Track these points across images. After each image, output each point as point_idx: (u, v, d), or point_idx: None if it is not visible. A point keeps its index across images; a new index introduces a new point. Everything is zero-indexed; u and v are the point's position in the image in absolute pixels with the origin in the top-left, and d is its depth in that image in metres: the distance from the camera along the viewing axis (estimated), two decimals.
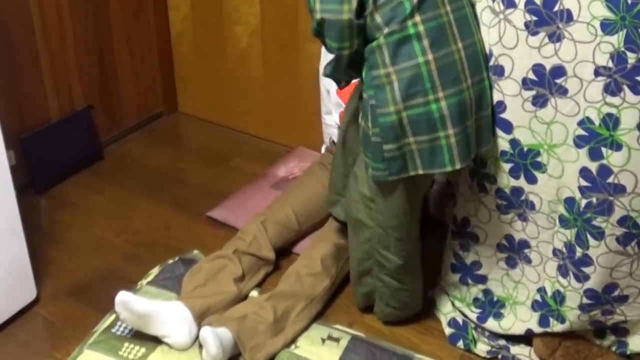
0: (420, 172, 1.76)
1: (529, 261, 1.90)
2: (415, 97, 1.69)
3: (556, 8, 1.60)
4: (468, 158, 1.76)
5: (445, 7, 1.69)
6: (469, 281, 2.05)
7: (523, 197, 1.82)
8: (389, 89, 1.69)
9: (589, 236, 1.73)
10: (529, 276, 1.92)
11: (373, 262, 1.99)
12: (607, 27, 1.56)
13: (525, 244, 1.89)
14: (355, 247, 2.01)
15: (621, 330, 1.91)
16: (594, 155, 1.67)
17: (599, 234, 1.72)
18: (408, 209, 1.87)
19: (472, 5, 1.76)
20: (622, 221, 1.69)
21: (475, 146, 1.78)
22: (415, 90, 1.68)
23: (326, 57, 2.45)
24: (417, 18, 1.66)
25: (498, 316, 2.02)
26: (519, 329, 1.97)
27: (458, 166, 1.74)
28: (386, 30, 1.68)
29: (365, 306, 2.13)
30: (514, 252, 1.93)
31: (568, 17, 1.60)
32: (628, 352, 1.92)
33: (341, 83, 1.95)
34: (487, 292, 2.04)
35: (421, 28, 1.67)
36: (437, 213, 2.31)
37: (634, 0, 1.52)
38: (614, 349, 1.93)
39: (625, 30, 1.55)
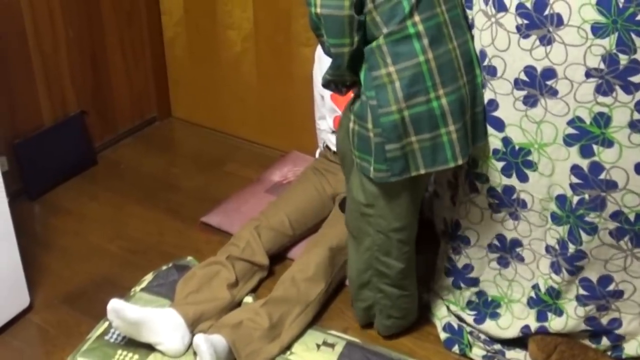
0: (422, 171, 1.75)
1: (521, 259, 1.91)
2: (416, 96, 1.69)
3: (546, 12, 1.60)
4: (468, 153, 1.77)
5: (440, 7, 1.70)
6: (462, 285, 2.05)
7: (515, 196, 1.82)
8: (391, 89, 1.69)
9: (581, 232, 1.75)
10: (522, 274, 1.93)
11: (372, 272, 1.97)
12: (598, 31, 1.56)
13: (517, 243, 1.89)
14: (355, 259, 1.99)
15: (616, 336, 1.90)
16: (585, 152, 1.68)
17: (592, 229, 1.73)
18: (411, 210, 1.87)
19: (462, 6, 1.77)
20: (614, 216, 1.71)
21: (471, 142, 1.78)
22: (416, 89, 1.69)
23: (320, 62, 2.45)
24: (416, 18, 1.67)
25: (494, 316, 2.01)
26: (516, 327, 1.97)
27: (460, 162, 1.75)
28: (385, 30, 1.68)
29: (366, 323, 2.11)
30: (506, 251, 1.93)
31: (558, 21, 1.60)
32: (624, 356, 1.92)
33: (342, 90, 1.91)
34: (480, 294, 2.04)
35: (420, 27, 1.67)
36: (430, 215, 2.30)
37: (626, 4, 1.52)
38: (609, 352, 1.93)
39: (617, 34, 1.55)
